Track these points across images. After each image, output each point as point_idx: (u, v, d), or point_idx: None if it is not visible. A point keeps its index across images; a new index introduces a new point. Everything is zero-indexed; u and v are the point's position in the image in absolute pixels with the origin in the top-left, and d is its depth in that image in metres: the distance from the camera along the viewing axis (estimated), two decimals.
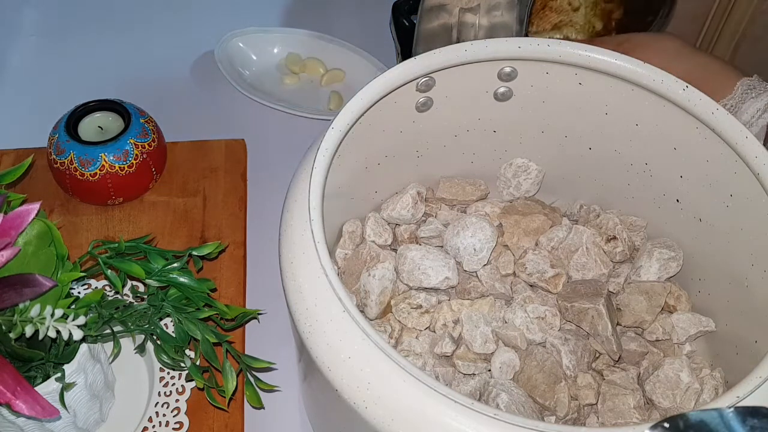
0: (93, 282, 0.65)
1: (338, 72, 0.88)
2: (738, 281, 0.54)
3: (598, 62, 0.54)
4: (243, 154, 0.79)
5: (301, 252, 0.46)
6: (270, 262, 0.55)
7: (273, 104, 0.83)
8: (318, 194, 0.47)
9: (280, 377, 0.59)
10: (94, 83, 0.85)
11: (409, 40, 0.70)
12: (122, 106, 0.72)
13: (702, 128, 0.52)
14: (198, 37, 0.91)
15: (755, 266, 0.52)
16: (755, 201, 0.50)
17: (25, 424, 0.53)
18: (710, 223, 0.56)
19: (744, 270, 0.53)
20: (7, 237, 0.48)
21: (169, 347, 0.53)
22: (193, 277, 0.53)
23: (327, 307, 0.44)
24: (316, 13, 0.95)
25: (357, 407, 0.41)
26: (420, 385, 0.40)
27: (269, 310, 0.63)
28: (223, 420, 0.60)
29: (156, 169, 0.74)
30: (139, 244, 0.53)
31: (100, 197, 0.72)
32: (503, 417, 0.39)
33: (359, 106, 0.51)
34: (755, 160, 0.49)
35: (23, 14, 0.95)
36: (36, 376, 0.51)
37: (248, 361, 0.53)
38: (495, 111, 0.59)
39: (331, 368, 0.42)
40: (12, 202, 0.51)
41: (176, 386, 0.60)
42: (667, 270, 0.58)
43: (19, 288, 0.46)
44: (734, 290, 0.54)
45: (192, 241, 0.71)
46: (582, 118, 0.58)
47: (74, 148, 0.69)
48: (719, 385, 0.53)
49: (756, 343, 0.52)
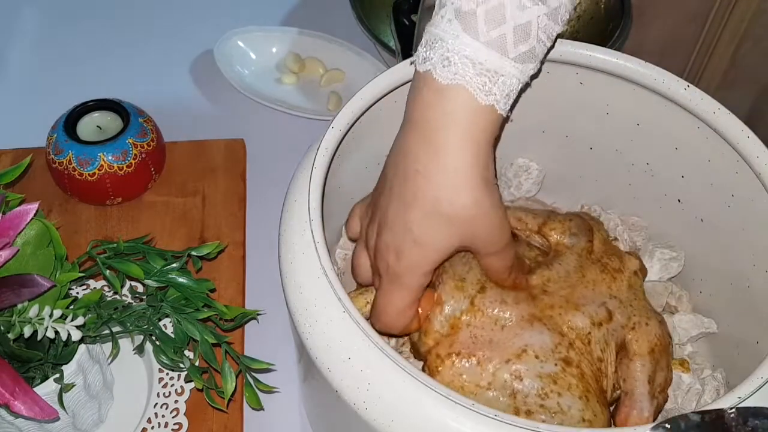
0: (92, 282, 0.65)
1: (338, 72, 0.87)
2: (739, 281, 0.54)
3: (599, 62, 0.53)
4: (242, 154, 0.78)
5: (301, 252, 0.46)
6: (270, 262, 0.54)
7: (272, 104, 0.82)
8: (318, 194, 0.47)
9: (280, 378, 0.59)
10: (92, 83, 0.85)
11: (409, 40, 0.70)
12: (121, 105, 0.72)
13: (703, 128, 0.52)
14: (197, 36, 0.91)
15: (757, 266, 0.52)
16: (757, 201, 0.50)
17: (23, 425, 0.53)
18: (712, 224, 0.56)
19: (746, 270, 0.53)
20: (6, 237, 0.48)
21: (168, 348, 0.53)
22: (192, 277, 0.53)
23: (327, 308, 0.44)
24: (316, 13, 0.95)
25: (357, 408, 0.41)
26: (420, 385, 0.40)
27: (269, 310, 0.62)
28: (223, 421, 0.60)
29: (155, 168, 0.73)
30: (137, 244, 0.53)
31: (99, 197, 0.72)
32: (503, 417, 0.38)
33: (359, 106, 0.51)
34: (757, 159, 0.49)
35: (23, 14, 0.95)
36: (34, 377, 0.51)
37: (247, 362, 0.53)
38: None
39: (331, 369, 0.42)
40: (10, 202, 0.51)
41: (175, 387, 0.60)
42: (668, 270, 0.58)
43: (18, 288, 0.46)
44: (736, 290, 0.54)
45: (191, 241, 0.71)
46: (583, 118, 0.58)
47: (73, 147, 0.69)
48: (721, 385, 0.53)
49: (757, 344, 0.52)
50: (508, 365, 0.46)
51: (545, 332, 0.47)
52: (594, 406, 0.46)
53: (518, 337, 0.47)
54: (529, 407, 0.46)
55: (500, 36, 0.41)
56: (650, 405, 0.49)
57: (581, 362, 0.47)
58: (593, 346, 0.48)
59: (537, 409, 0.46)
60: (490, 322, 0.47)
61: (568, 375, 0.46)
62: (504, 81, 0.42)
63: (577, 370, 0.47)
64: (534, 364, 0.46)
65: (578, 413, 0.46)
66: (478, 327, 0.47)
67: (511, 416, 0.39)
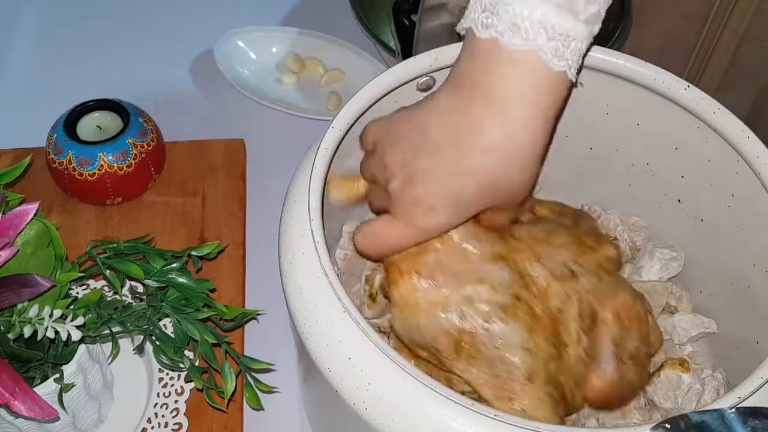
0: (92, 282, 0.65)
1: (338, 72, 0.87)
2: (739, 282, 0.54)
3: (599, 62, 0.53)
4: (242, 154, 0.78)
5: (301, 252, 0.46)
6: (269, 262, 0.54)
7: (272, 104, 0.82)
8: (318, 194, 0.47)
9: (280, 378, 0.59)
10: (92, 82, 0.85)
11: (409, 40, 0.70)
12: (121, 105, 0.72)
13: (703, 128, 0.52)
14: (197, 36, 0.91)
15: (757, 266, 0.52)
16: (757, 201, 0.50)
17: (23, 425, 0.53)
18: (712, 224, 0.56)
19: (745, 270, 0.53)
20: (6, 237, 0.48)
21: (168, 348, 0.53)
22: (192, 277, 0.53)
23: (327, 308, 0.44)
24: (316, 13, 0.95)
25: (357, 408, 0.41)
26: (420, 385, 0.40)
27: (269, 310, 0.62)
28: (223, 421, 0.60)
29: (155, 168, 0.73)
30: (137, 244, 0.53)
31: (99, 197, 0.72)
32: (503, 417, 0.39)
33: (359, 106, 0.51)
34: (757, 159, 0.49)
35: (23, 14, 0.95)
36: (34, 377, 0.51)
37: (247, 362, 0.53)
38: None
39: (331, 369, 0.42)
40: (10, 202, 0.51)
41: (175, 387, 0.60)
42: (668, 270, 0.58)
43: (18, 288, 0.46)
44: (736, 291, 0.54)
45: (191, 241, 0.71)
46: (583, 118, 0.58)
47: (73, 147, 0.69)
48: (720, 385, 0.53)
49: (757, 344, 0.52)
50: (463, 290, 0.47)
51: (506, 270, 0.48)
52: (538, 340, 0.47)
53: (479, 269, 0.48)
54: (474, 330, 0.46)
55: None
56: (614, 366, 0.49)
57: (534, 304, 0.48)
58: (551, 297, 0.49)
59: (481, 332, 0.46)
60: (457, 253, 0.48)
61: (518, 309, 0.47)
62: (575, 45, 0.40)
63: (527, 307, 0.48)
64: (487, 292, 0.47)
65: (519, 341, 0.46)
66: (444, 253, 0.48)
67: (511, 416, 0.39)
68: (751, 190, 0.50)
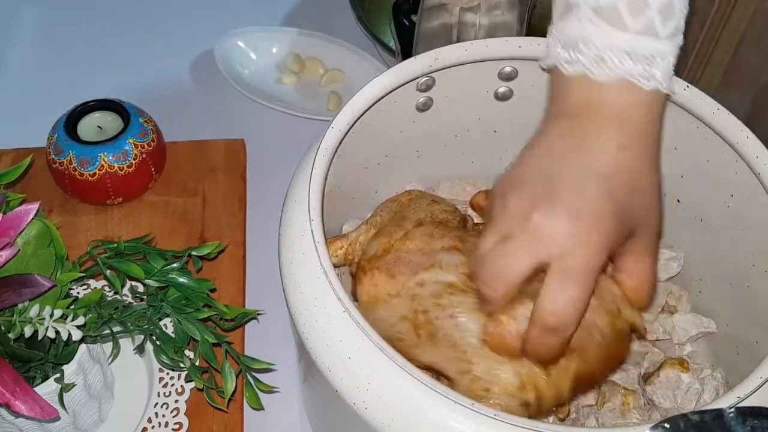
0: (92, 282, 0.65)
1: (338, 72, 0.87)
2: (739, 282, 0.54)
3: None
4: (242, 154, 0.78)
5: (301, 252, 0.46)
6: (270, 262, 0.54)
7: (272, 104, 0.82)
8: (318, 194, 0.47)
9: (280, 378, 0.59)
10: (93, 83, 0.85)
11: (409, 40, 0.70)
12: (121, 105, 0.72)
13: (703, 128, 0.52)
14: (197, 36, 0.91)
15: (756, 266, 0.52)
16: (756, 201, 0.50)
17: (24, 425, 0.53)
18: (711, 224, 0.56)
19: (745, 270, 0.53)
20: (6, 237, 0.48)
21: (168, 348, 0.53)
22: (192, 277, 0.53)
23: (327, 307, 0.44)
24: (316, 13, 0.95)
25: (357, 408, 0.41)
26: (420, 385, 0.40)
27: (269, 310, 0.62)
28: (223, 421, 0.60)
29: (155, 169, 0.74)
30: (138, 244, 0.53)
31: (99, 197, 0.72)
32: (503, 417, 0.39)
33: (359, 106, 0.51)
34: (756, 160, 0.49)
35: (23, 14, 0.95)
36: (35, 377, 0.51)
37: (248, 361, 0.53)
38: (495, 111, 0.59)
39: (331, 368, 0.42)
40: (11, 202, 0.51)
41: (175, 387, 0.60)
42: (667, 270, 0.58)
43: (18, 288, 0.46)
44: (735, 290, 0.54)
45: (191, 241, 0.71)
46: None
47: (73, 147, 0.69)
48: (720, 385, 0.53)
49: (757, 344, 0.52)
50: (416, 276, 0.49)
51: (457, 255, 0.50)
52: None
53: (432, 258, 0.50)
54: (426, 307, 0.47)
55: (648, 21, 0.41)
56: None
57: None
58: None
59: (432, 307, 0.47)
60: (416, 249, 0.51)
61: (467, 285, 0.48)
62: (661, 62, 0.42)
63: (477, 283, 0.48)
64: (437, 274, 0.49)
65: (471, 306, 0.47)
66: (404, 252, 0.51)
67: (511, 416, 0.39)
68: (750, 190, 0.50)
